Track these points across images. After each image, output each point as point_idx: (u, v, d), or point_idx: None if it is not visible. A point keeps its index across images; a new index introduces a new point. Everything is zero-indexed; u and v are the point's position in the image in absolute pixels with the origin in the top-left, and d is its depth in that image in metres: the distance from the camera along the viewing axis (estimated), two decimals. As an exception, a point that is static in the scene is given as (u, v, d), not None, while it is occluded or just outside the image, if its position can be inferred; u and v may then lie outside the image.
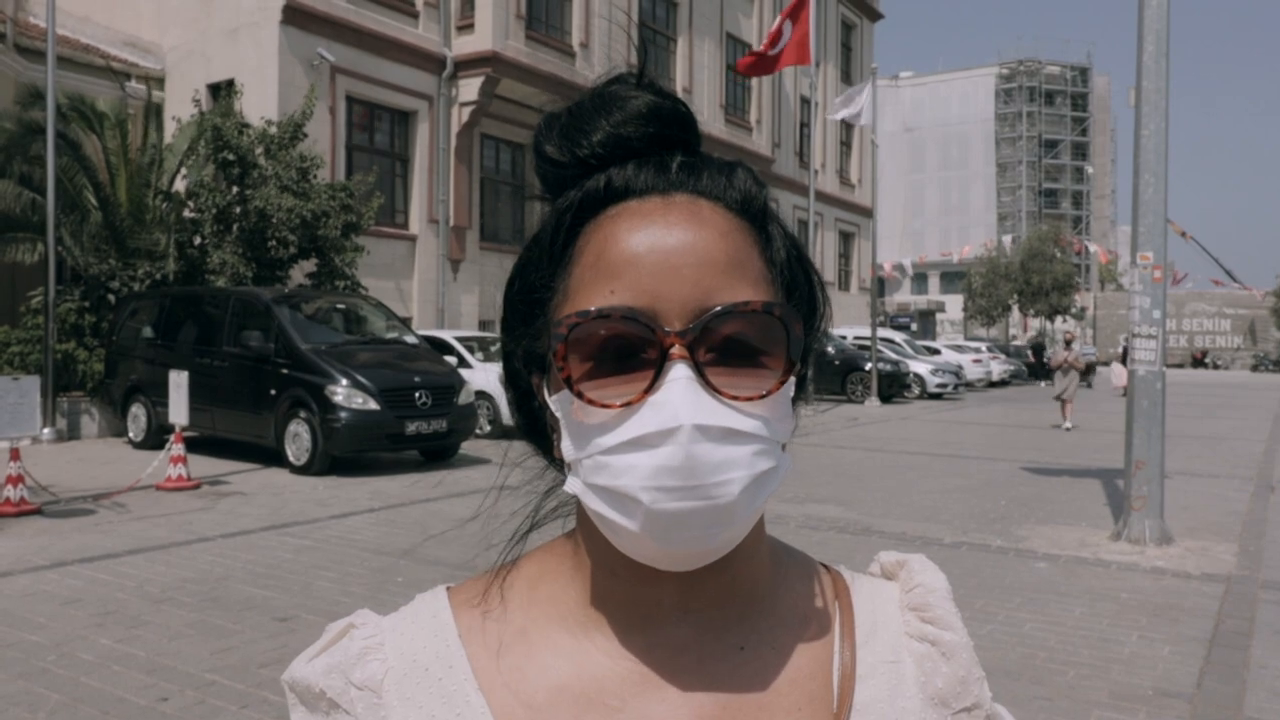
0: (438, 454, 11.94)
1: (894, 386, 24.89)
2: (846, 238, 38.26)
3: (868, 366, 24.04)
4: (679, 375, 0.56)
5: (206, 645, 4.82)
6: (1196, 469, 12.09)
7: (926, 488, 10.47)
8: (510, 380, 0.68)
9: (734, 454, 0.56)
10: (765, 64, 21.89)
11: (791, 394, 0.61)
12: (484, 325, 21.15)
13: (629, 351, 0.58)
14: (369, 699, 0.63)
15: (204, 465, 10.83)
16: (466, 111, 20.20)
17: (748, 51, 22.14)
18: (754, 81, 29.65)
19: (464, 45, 20.11)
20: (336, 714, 0.64)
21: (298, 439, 10.82)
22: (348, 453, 10.94)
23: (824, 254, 33.78)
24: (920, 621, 0.68)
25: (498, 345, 16.21)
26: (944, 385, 27.82)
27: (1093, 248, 61.63)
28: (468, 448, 12.54)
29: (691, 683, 0.62)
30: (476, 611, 0.67)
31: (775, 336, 0.59)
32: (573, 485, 0.61)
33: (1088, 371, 37.24)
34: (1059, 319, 55.82)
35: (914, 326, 50.22)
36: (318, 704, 0.66)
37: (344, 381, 10.75)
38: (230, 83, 16.51)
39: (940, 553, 7.04)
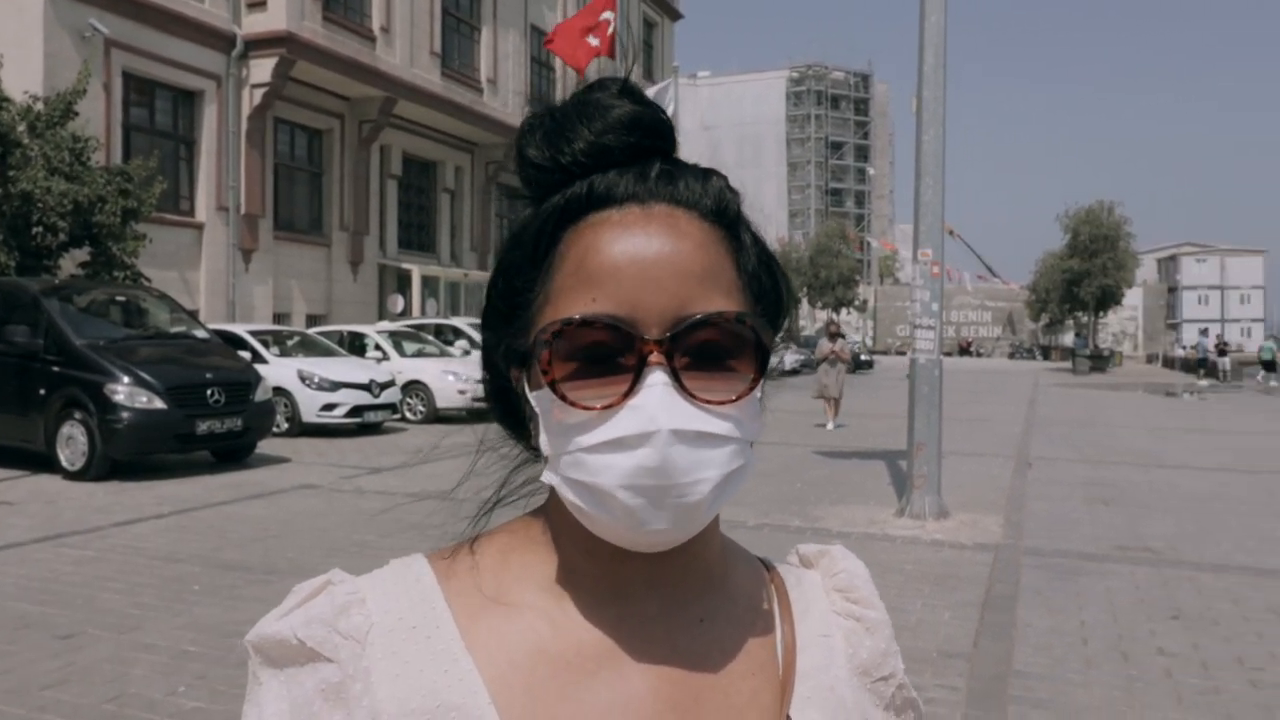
0: (232, 454, 11.32)
1: (696, 377, 25.65)
2: (649, 232, 39.08)
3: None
4: (656, 380, 0.59)
5: (-22, 669, 4.41)
6: (966, 449, 13.21)
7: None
8: (488, 369, 0.70)
9: (707, 456, 0.60)
10: (572, 45, 21.85)
11: (760, 395, 0.64)
12: (279, 318, 20.20)
13: (609, 357, 0.60)
14: (353, 648, 0.63)
15: (-40, 473, 9.80)
16: (259, 93, 19.20)
17: (554, 32, 22.03)
18: (558, 75, 29.73)
19: (255, 24, 19.08)
20: (317, 663, 0.63)
21: (72, 442, 9.98)
22: (131, 455, 10.19)
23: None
24: (846, 601, 0.74)
25: (295, 339, 15.40)
26: (742, 375, 28.92)
27: (875, 243, 65.78)
28: (265, 447, 11.96)
29: (659, 650, 0.66)
30: (454, 577, 0.68)
31: (745, 343, 0.62)
32: (549, 478, 0.64)
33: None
34: (844, 310, 59.23)
35: (713, 319, 51.94)
36: (293, 657, 0.64)
37: (125, 379, 10.00)
38: (-16, 51, 14.95)
39: (746, 534, 7.38)
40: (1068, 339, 54.88)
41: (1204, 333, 53.75)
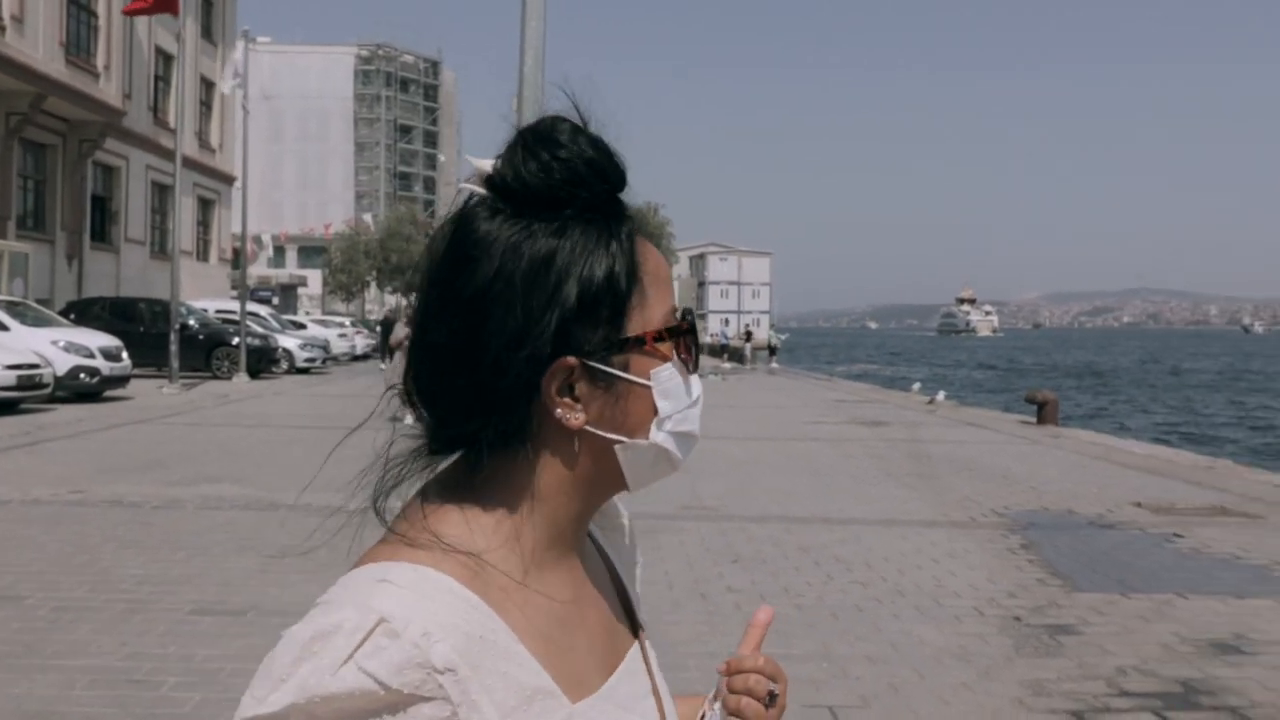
0: None
1: (263, 361, 24.33)
2: (206, 205, 35.99)
3: (235, 341, 23.14)
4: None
5: None
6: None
7: (318, 460, 10.68)
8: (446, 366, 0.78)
9: None
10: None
11: None
12: None
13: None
14: (452, 679, 0.65)
15: None
16: None
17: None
18: (102, 22, 26.32)
19: None
20: (416, 705, 0.64)
21: None
22: None
23: (182, 221, 31.16)
24: (609, 516, 0.96)
25: None
26: (313, 359, 28.09)
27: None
28: None
29: (589, 590, 0.83)
30: (475, 577, 0.71)
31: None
32: (657, 437, 0.77)
33: None
34: (414, 295, 59.32)
35: (276, 300, 49.16)
36: (381, 708, 0.63)
37: None
38: None
39: (345, 517, 7.37)
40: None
41: (726, 323, 61.61)
